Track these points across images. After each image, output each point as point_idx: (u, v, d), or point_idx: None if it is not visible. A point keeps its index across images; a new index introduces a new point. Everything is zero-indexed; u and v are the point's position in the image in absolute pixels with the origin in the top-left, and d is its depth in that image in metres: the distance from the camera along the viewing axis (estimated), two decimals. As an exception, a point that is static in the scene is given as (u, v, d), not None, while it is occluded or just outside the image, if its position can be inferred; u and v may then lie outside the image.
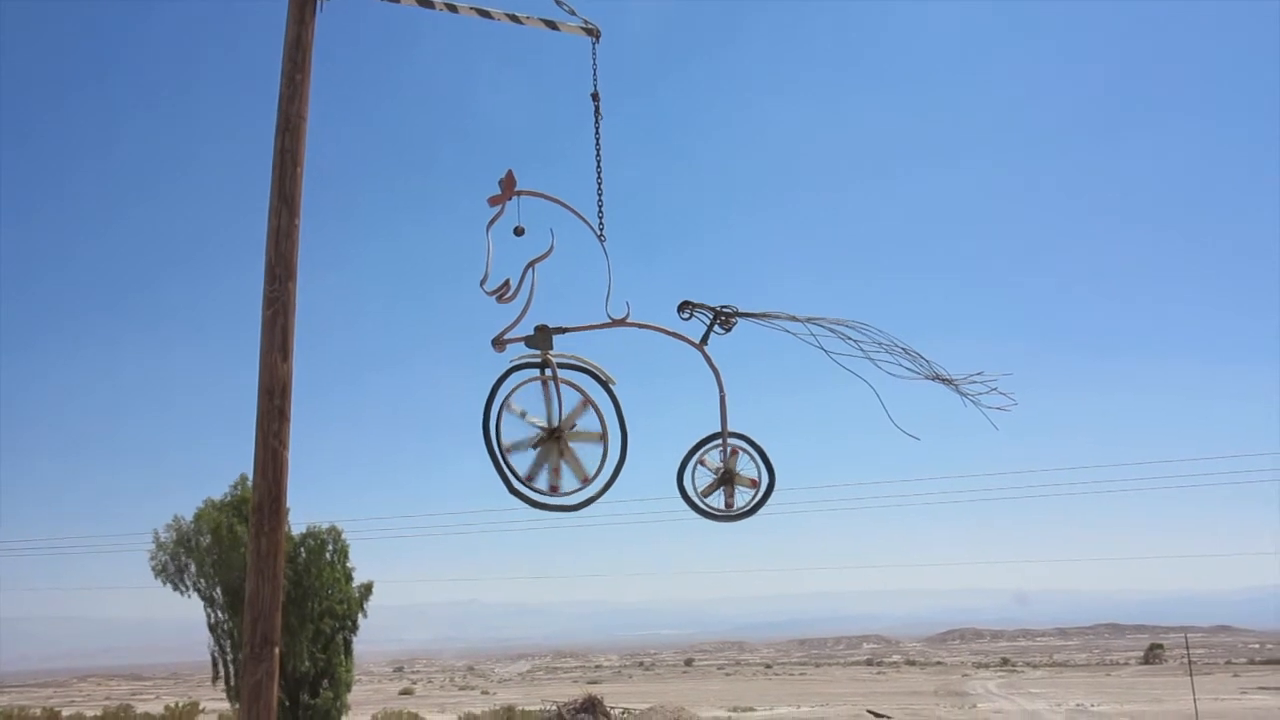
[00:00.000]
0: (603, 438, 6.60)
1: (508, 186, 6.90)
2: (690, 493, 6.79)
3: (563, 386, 6.64)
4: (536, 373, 6.69)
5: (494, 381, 6.73)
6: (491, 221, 6.86)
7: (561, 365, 6.68)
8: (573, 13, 7.76)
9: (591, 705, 38.72)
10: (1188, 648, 51.70)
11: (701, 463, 6.78)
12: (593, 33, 7.73)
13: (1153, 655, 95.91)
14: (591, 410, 6.62)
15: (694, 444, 6.82)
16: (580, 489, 6.60)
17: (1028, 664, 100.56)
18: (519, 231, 6.80)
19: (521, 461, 6.64)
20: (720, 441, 6.73)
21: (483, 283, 6.73)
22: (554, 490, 6.63)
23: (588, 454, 6.62)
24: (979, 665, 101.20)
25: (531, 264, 6.78)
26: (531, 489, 6.62)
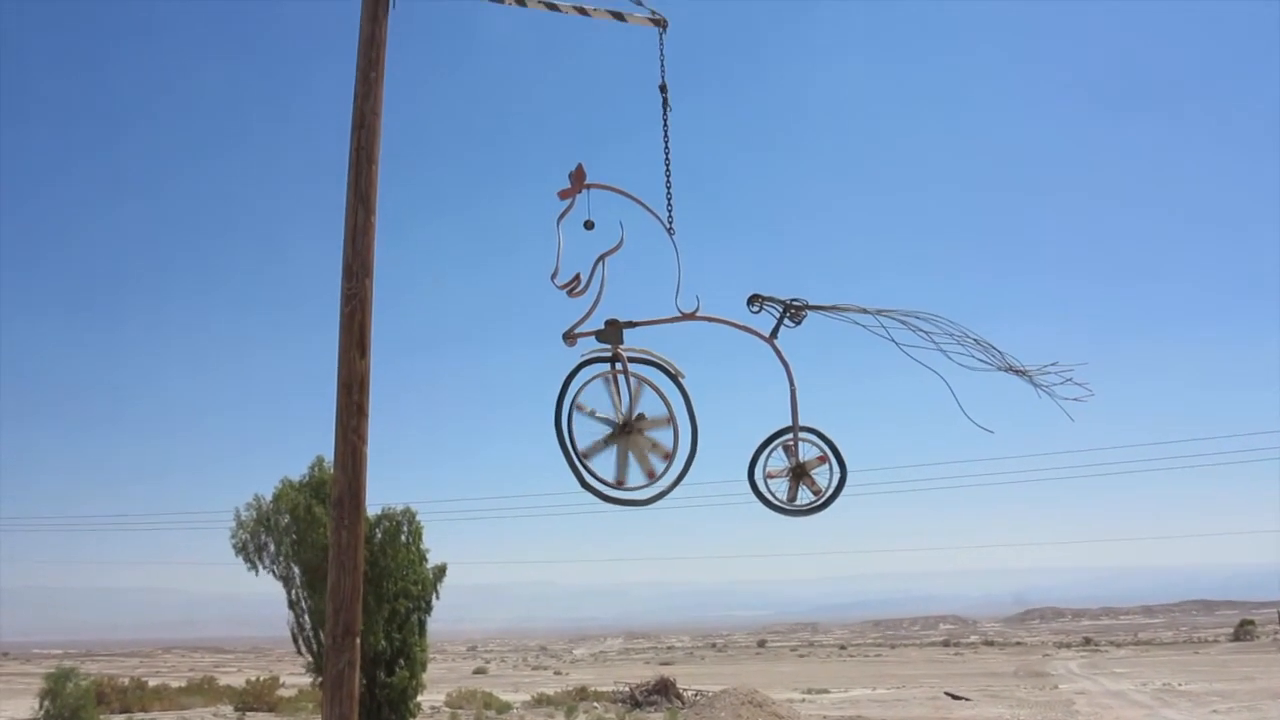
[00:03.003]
0: (670, 419, 6.60)
1: (578, 180, 6.93)
2: (761, 488, 6.77)
3: (633, 380, 6.68)
4: (607, 367, 6.74)
5: (565, 375, 6.80)
6: (562, 215, 6.90)
7: (632, 359, 6.71)
8: (639, 2, 7.73)
9: (664, 686, 38.97)
10: None
11: (770, 475, 6.74)
12: (660, 23, 7.68)
13: (1244, 632, 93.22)
14: (660, 403, 6.64)
15: (765, 438, 6.80)
16: (650, 482, 6.62)
17: (1111, 643, 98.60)
18: (589, 225, 6.83)
19: (592, 455, 6.69)
20: (790, 437, 6.70)
21: (554, 277, 6.78)
22: (621, 484, 6.68)
23: (657, 448, 6.64)
24: (1060, 645, 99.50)
25: (602, 258, 6.81)
26: (602, 483, 6.67)
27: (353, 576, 6.00)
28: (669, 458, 6.54)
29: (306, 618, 24.53)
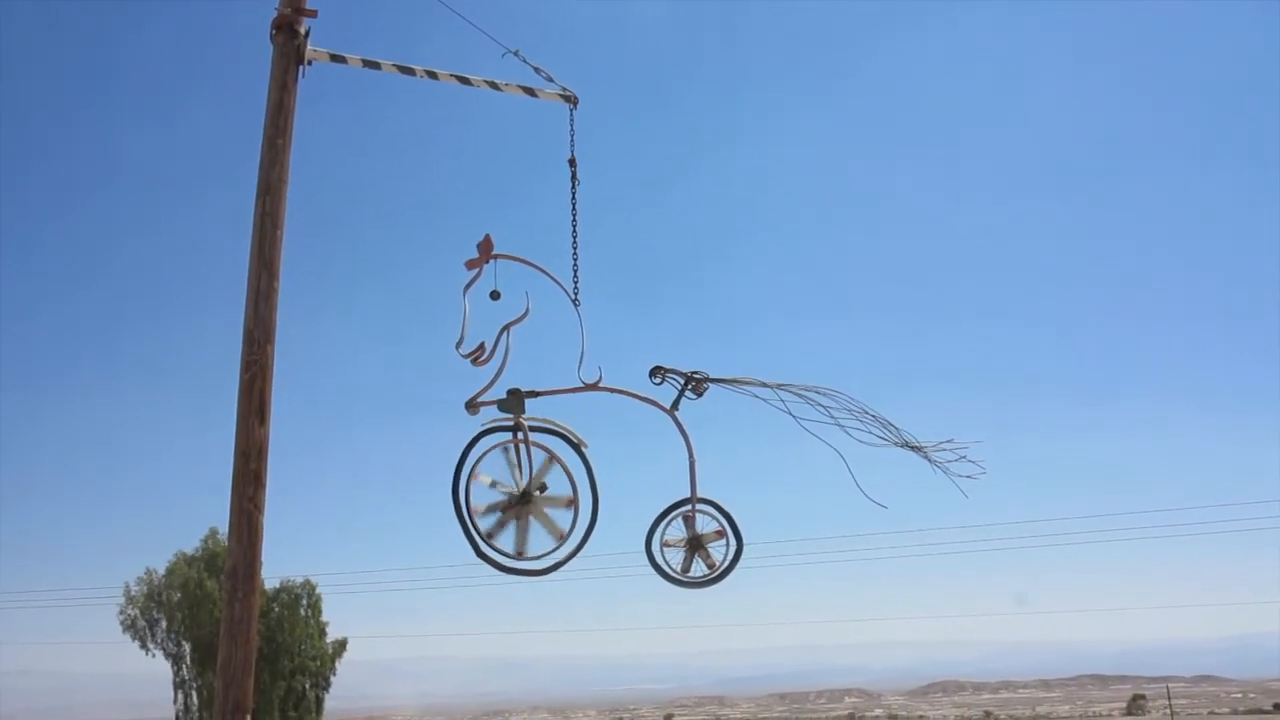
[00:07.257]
0: (572, 501, 6.66)
1: (485, 250, 7.02)
2: (658, 557, 6.83)
3: (534, 449, 6.71)
4: (508, 435, 6.77)
5: (465, 444, 6.80)
6: (469, 285, 6.97)
7: (534, 428, 6.76)
8: (550, 79, 7.92)
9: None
10: (1169, 698, 51.69)
11: (666, 544, 6.81)
12: (570, 100, 7.88)
13: (1135, 706, 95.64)
14: (561, 472, 6.69)
15: (662, 510, 6.87)
16: (550, 551, 6.64)
17: (1011, 716, 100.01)
18: (495, 296, 6.91)
19: (490, 524, 6.68)
20: (689, 508, 6.79)
21: (458, 345, 6.81)
22: (521, 554, 6.68)
23: (558, 517, 6.67)
24: (961, 718, 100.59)
25: (506, 327, 6.88)
26: (499, 552, 6.66)
27: (245, 650, 5.85)
28: (563, 538, 6.59)
29: (194, 697, 23.60)
